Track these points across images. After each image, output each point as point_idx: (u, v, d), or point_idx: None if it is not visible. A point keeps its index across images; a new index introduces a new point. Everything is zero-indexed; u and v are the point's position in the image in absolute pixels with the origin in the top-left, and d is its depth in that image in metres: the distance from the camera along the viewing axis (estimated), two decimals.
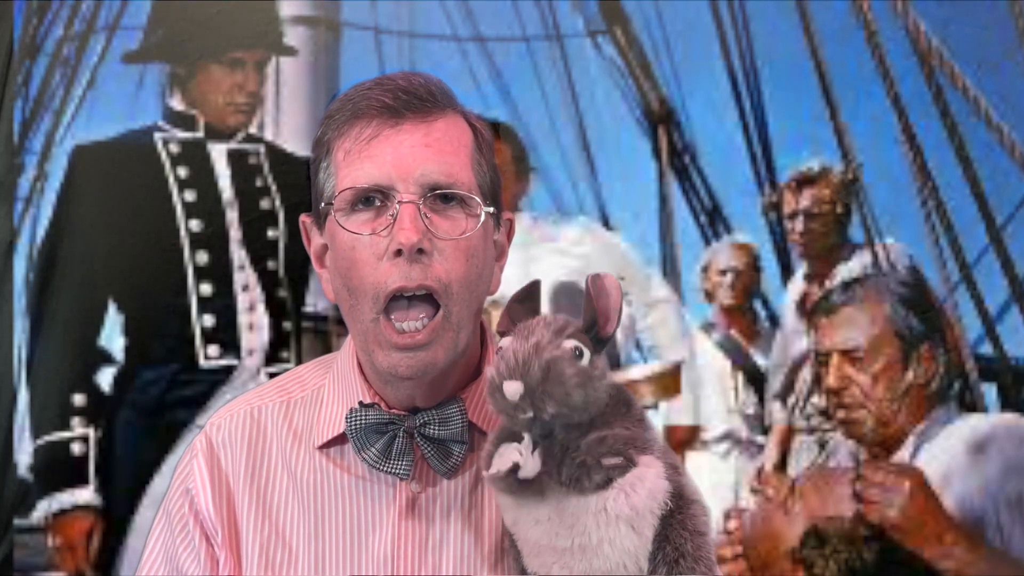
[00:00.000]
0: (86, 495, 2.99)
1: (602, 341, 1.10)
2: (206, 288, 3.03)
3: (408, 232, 1.15)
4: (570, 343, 1.08)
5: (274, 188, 3.14)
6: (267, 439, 1.26)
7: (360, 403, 1.21)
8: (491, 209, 1.21)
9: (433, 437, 1.19)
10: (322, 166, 1.22)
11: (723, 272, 3.63)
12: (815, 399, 3.12)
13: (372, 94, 1.19)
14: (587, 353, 1.08)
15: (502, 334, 1.13)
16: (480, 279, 1.21)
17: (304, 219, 1.27)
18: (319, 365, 1.31)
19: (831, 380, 2.78)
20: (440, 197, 1.18)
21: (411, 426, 1.19)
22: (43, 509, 3.00)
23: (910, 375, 2.74)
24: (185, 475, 1.27)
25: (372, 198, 1.18)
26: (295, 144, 3.28)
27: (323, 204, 1.21)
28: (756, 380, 3.57)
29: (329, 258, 1.23)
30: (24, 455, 3.06)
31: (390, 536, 1.20)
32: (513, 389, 1.05)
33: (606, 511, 1.07)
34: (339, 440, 1.23)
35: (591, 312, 1.10)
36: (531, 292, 1.14)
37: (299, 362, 3.04)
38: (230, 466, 1.25)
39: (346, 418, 1.20)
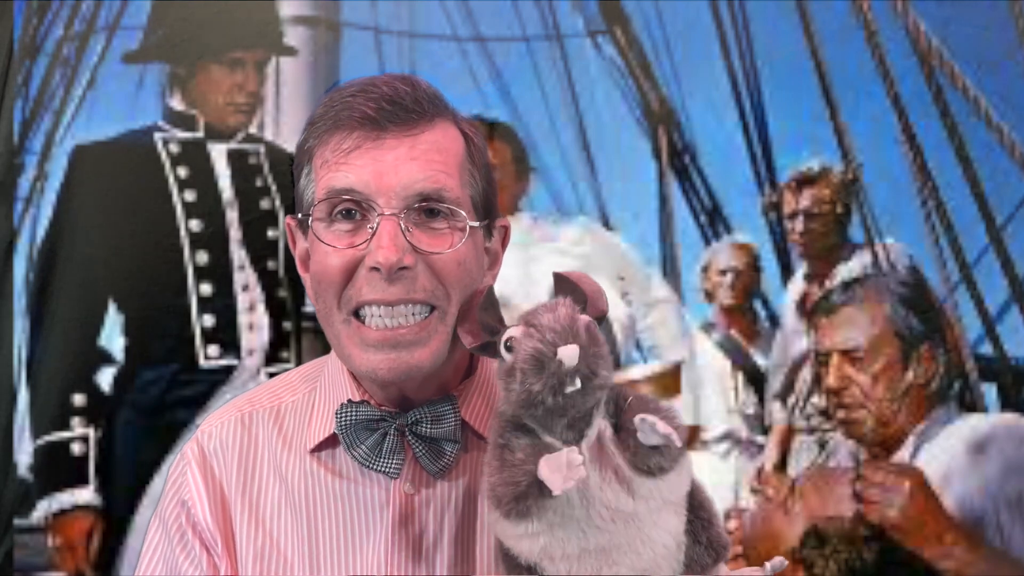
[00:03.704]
0: (86, 495, 2.99)
1: (598, 320, 1.10)
2: (206, 288, 3.03)
3: (387, 252, 1.12)
4: (585, 316, 1.07)
5: (274, 188, 3.14)
6: (258, 446, 1.25)
7: (349, 400, 1.19)
8: (475, 224, 1.17)
9: (425, 435, 1.17)
10: (304, 172, 1.20)
11: (723, 272, 3.63)
12: (815, 399, 3.12)
13: (355, 103, 1.15)
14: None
15: (481, 347, 1.10)
16: (474, 284, 1.18)
17: (289, 222, 1.25)
18: (311, 369, 1.30)
19: (831, 380, 2.78)
20: (425, 211, 1.14)
21: (402, 424, 1.17)
22: (43, 509, 3.00)
23: (910, 375, 2.74)
24: (179, 485, 1.25)
25: (352, 211, 1.15)
26: (295, 144, 3.28)
27: (301, 215, 1.19)
28: (756, 380, 3.57)
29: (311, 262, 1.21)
30: (24, 455, 3.06)
31: (384, 539, 1.19)
32: (571, 352, 1.02)
33: (659, 498, 1.07)
34: (330, 443, 1.22)
35: (580, 296, 1.09)
36: (491, 299, 1.12)
37: (299, 362, 3.05)
38: (223, 474, 1.24)
39: (336, 414, 1.18)
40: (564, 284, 1.10)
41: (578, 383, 1.02)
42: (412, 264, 1.13)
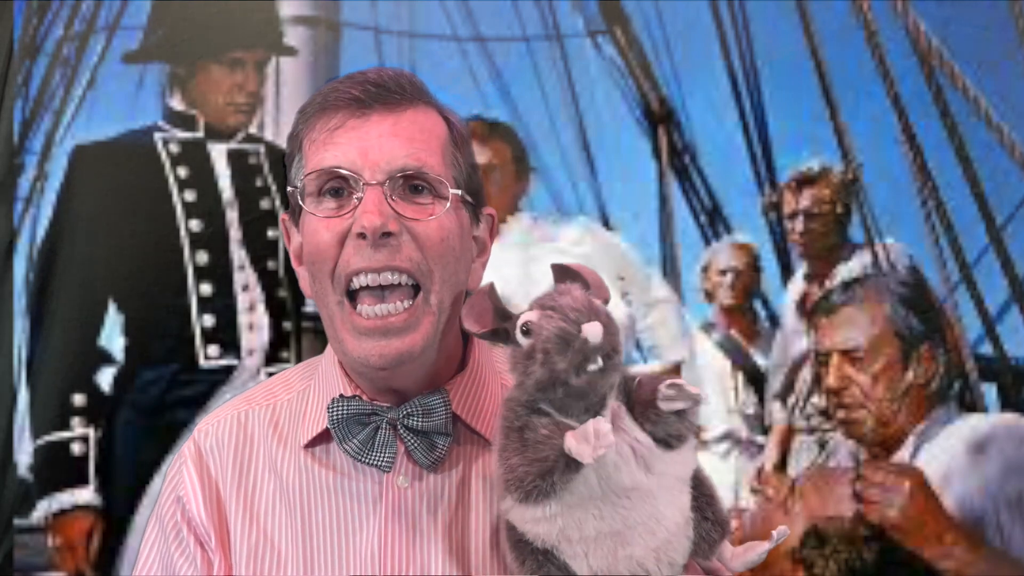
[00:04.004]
0: (86, 495, 3.00)
1: None
2: (206, 288, 3.04)
3: (371, 215, 1.14)
4: (597, 300, 1.09)
5: (274, 188, 3.14)
6: (254, 444, 1.26)
7: (341, 395, 1.20)
8: (459, 192, 1.20)
9: (416, 429, 1.18)
10: (294, 161, 1.22)
11: (723, 272, 3.63)
12: (815, 399, 3.12)
13: (341, 87, 1.20)
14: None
15: (491, 333, 1.11)
16: (458, 265, 1.20)
17: (284, 217, 1.27)
18: (306, 367, 1.31)
19: (831, 380, 2.78)
20: (410, 187, 1.17)
21: (394, 418, 1.18)
22: (43, 509, 3.01)
23: (910, 375, 2.74)
24: (176, 483, 1.27)
25: (340, 189, 1.17)
26: None
27: (290, 188, 1.22)
28: (756, 380, 3.57)
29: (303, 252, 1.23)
30: (24, 455, 3.06)
31: (377, 534, 1.19)
32: (596, 329, 1.04)
33: (672, 474, 1.08)
34: (324, 438, 1.23)
35: (583, 284, 1.10)
36: (495, 291, 1.13)
37: (299, 362, 3.05)
38: (219, 472, 1.25)
39: (328, 408, 1.19)
40: (565, 273, 1.11)
41: (600, 361, 1.04)
42: (396, 231, 1.15)
